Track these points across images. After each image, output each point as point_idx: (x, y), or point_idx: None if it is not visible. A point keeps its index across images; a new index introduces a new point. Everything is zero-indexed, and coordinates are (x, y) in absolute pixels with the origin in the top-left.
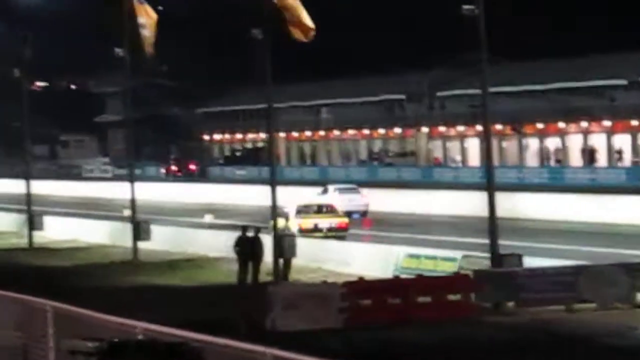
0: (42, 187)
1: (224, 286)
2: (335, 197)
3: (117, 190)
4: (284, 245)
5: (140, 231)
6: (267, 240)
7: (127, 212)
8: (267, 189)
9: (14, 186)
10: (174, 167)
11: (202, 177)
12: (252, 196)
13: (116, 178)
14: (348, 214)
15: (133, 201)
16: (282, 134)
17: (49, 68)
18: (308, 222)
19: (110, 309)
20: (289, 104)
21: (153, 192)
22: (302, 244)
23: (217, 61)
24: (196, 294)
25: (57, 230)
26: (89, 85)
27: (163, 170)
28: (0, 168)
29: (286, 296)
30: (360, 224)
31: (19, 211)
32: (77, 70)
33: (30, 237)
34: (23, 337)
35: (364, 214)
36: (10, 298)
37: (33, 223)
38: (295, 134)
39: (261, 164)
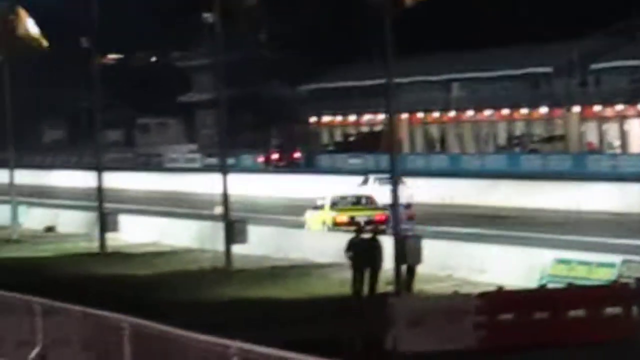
0: (117, 180)
1: (334, 298)
2: (375, 188)
3: (206, 184)
4: (408, 249)
5: (234, 232)
6: (386, 244)
7: (218, 210)
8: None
9: (83, 179)
10: (274, 156)
11: (308, 167)
12: (368, 190)
13: (205, 169)
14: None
15: (226, 196)
16: (404, 116)
17: (123, 37)
18: (343, 216)
19: (198, 326)
20: (413, 80)
21: (250, 185)
22: (427, 247)
23: (327, 29)
24: (301, 307)
25: (134, 232)
26: (173, 57)
27: (261, 160)
28: (68, 158)
29: (411, 310)
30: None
31: (88, 209)
32: (158, 39)
33: (102, 240)
34: (93, 358)
35: (407, 206)
36: (78, 313)
37: (105, 223)
38: (420, 115)
39: (379, 152)
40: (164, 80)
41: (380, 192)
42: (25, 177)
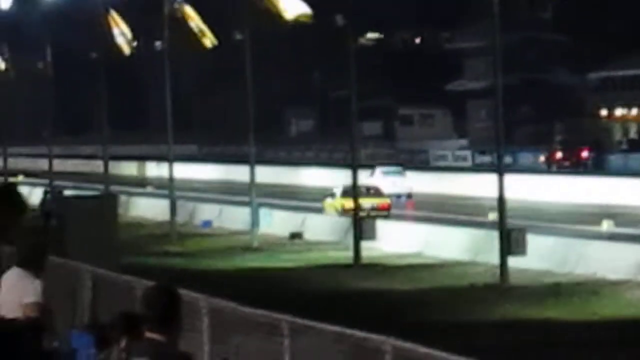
0: (375, 180)
1: (627, 322)
2: (379, 179)
3: (478, 186)
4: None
5: (511, 243)
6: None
7: (492, 216)
8: None
9: (334, 177)
10: (558, 154)
11: (597, 167)
12: (374, 181)
13: (478, 168)
14: (397, 196)
15: (501, 201)
16: None
17: (383, 14)
18: (351, 203)
19: (466, 351)
20: None
21: (529, 188)
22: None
23: (621, 8)
24: (588, 331)
25: (393, 241)
26: (440, 39)
27: (543, 159)
28: (317, 153)
29: None
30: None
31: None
32: (423, 16)
33: (357, 249)
34: None
35: (408, 196)
36: (332, 333)
37: (361, 230)
38: None
39: None
40: (430, 65)
41: (383, 183)
42: (267, 174)
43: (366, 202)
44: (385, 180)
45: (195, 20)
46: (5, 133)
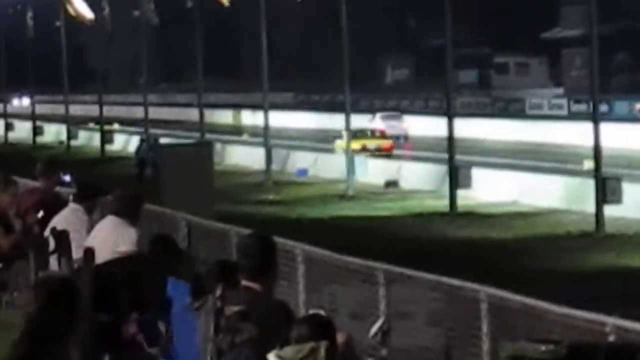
0: (470, 128)
1: None
2: (378, 123)
3: (574, 134)
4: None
5: (606, 191)
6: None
7: (588, 165)
8: None
9: (429, 126)
10: None
11: None
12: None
13: (573, 116)
14: (396, 137)
15: (597, 149)
16: None
17: None
18: (357, 144)
19: (566, 300)
20: None
21: (625, 137)
22: None
23: None
24: None
25: (489, 189)
26: None
27: (639, 107)
28: (412, 102)
29: None
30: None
31: (436, 161)
32: None
33: (453, 197)
34: (443, 334)
35: (405, 137)
36: (428, 282)
37: (456, 178)
38: None
39: None
40: (526, 13)
41: (382, 126)
42: (363, 123)
43: (371, 143)
44: (384, 124)
45: None
46: (101, 81)
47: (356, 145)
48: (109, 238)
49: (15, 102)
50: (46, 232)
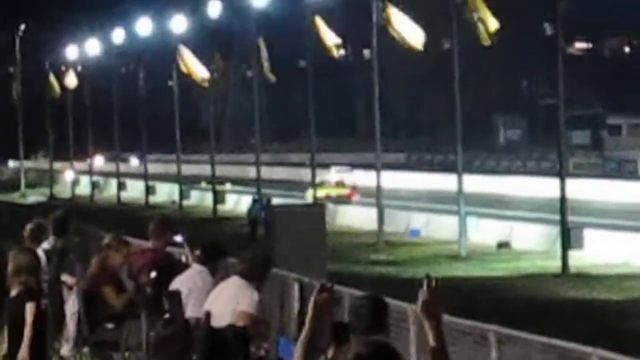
0: (582, 189)
1: None
2: (334, 174)
3: None
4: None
5: None
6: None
7: None
8: None
9: (542, 187)
10: None
11: None
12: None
13: None
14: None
15: None
16: None
17: (594, 22)
18: (322, 192)
19: None
20: None
21: None
22: None
23: None
24: None
25: (601, 250)
26: None
27: None
28: (524, 162)
29: None
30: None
31: (548, 222)
32: (632, 27)
33: (565, 258)
34: None
35: (354, 187)
36: (538, 343)
37: (569, 239)
38: None
39: None
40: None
41: (336, 177)
42: (475, 183)
43: (333, 192)
44: (337, 176)
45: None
46: (214, 140)
47: (321, 193)
48: (232, 299)
49: (133, 161)
50: (163, 292)
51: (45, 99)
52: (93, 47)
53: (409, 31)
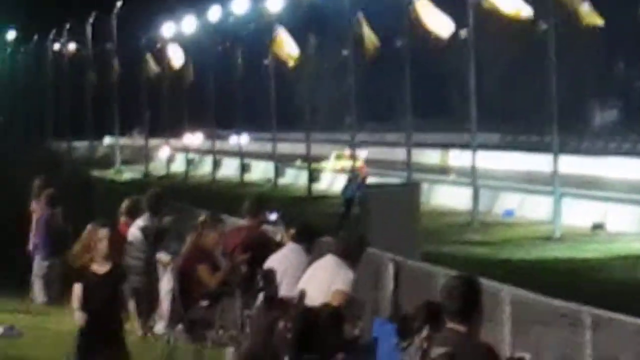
0: None
1: None
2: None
3: None
4: None
5: None
6: None
7: None
8: None
9: (638, 168)
10: None
11: None
12: None
13: None
14: None
15: None
16: None
17: None
18: (337, 165)
19: None
20: None
21: None
22: None
23: None
24: None
25: None
26: None
27: None
28: (620, 144)
29: None
30: None
31: None
32: None
33: None
34: None
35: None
36: (632, 326)
37: None
38: None
39: None
40: None
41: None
42: (570, 164)
43: (346, 164)
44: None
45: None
46: (309, 119)
47: (337, 166)
48: (327, 277)
49: (232, 139)
50: (258, 270)
51: (141, 76)
52: (189, 24)
53: (437, 22)
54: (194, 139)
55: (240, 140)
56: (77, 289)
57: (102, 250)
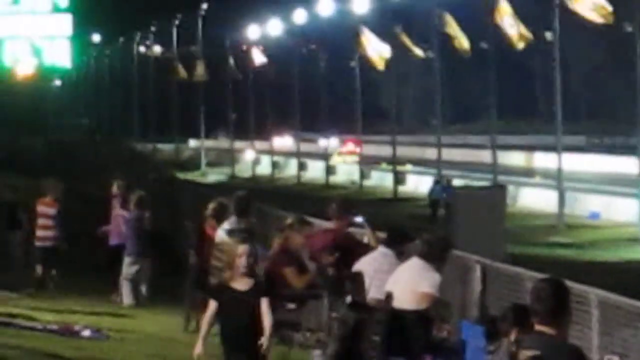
0: None
1: None
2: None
3: None
4: None
5: None
6: None
7: None
8: None
9: None
10: None
11: None
12: None
13: None
14: None
15: None
16: None
17: None
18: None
19: None
20: None
21: None
22: None
23: None
24: None
25: None
26: None
27: None
28: None
29: None
30: None
31: None
32: None
33: None
34: None
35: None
36: None
37: None
38: None
39: None
40: None
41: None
42: None
43: (348, 158)
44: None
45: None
46: (394, 122)
47: (339, 159)
48: (413, 280)
49: (322, 142)
50: (345, 273)
51: (226, 78)
52: (274, 27)
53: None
54: (284, 141)
55: (330, 142)
56: (212, 306)
57: (241, 266)
